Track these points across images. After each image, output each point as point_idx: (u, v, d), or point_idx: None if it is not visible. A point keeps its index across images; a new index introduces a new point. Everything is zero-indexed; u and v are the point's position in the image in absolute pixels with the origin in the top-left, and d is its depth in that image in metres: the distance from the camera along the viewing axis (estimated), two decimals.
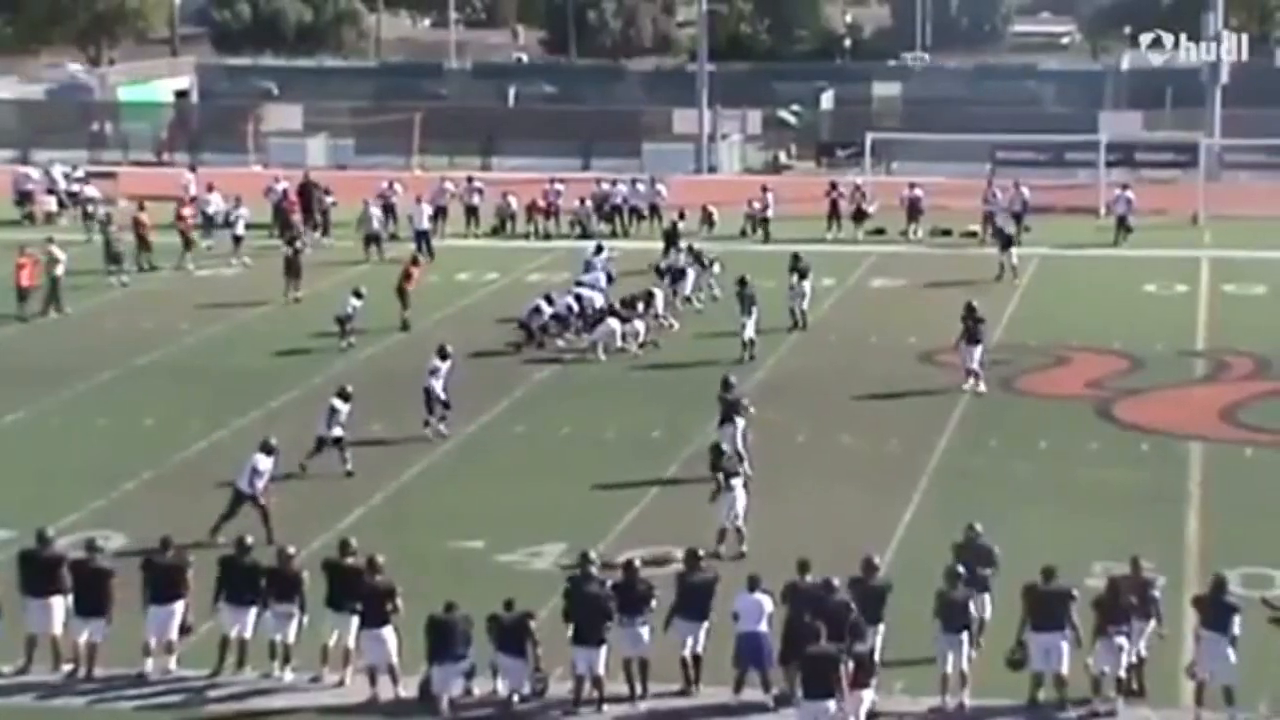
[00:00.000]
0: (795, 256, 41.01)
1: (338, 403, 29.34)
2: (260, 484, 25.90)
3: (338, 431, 29.16)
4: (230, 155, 71.23)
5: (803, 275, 40.32)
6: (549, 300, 39.04)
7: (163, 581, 21.36)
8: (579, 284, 41.00)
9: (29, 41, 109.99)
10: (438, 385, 31.38)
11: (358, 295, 38.46)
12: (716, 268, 43.54)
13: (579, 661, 20.50)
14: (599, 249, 43.82)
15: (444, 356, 31.77)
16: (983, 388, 34.26)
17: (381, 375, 35.76)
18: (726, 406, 29.39)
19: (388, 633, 20.81)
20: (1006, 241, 46.69)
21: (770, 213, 52.30)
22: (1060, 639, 20.22)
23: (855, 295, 44.93)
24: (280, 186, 53.86)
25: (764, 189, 54.02)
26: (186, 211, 49.27)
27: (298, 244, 44.81)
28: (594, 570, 21.16)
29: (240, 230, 48.76)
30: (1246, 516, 27.12)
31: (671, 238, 47.40)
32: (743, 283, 37.91)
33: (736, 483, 25.70)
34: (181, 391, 35.13)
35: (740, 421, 29.08)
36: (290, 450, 27.45)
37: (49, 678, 21.33)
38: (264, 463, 26.02)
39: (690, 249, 45.20)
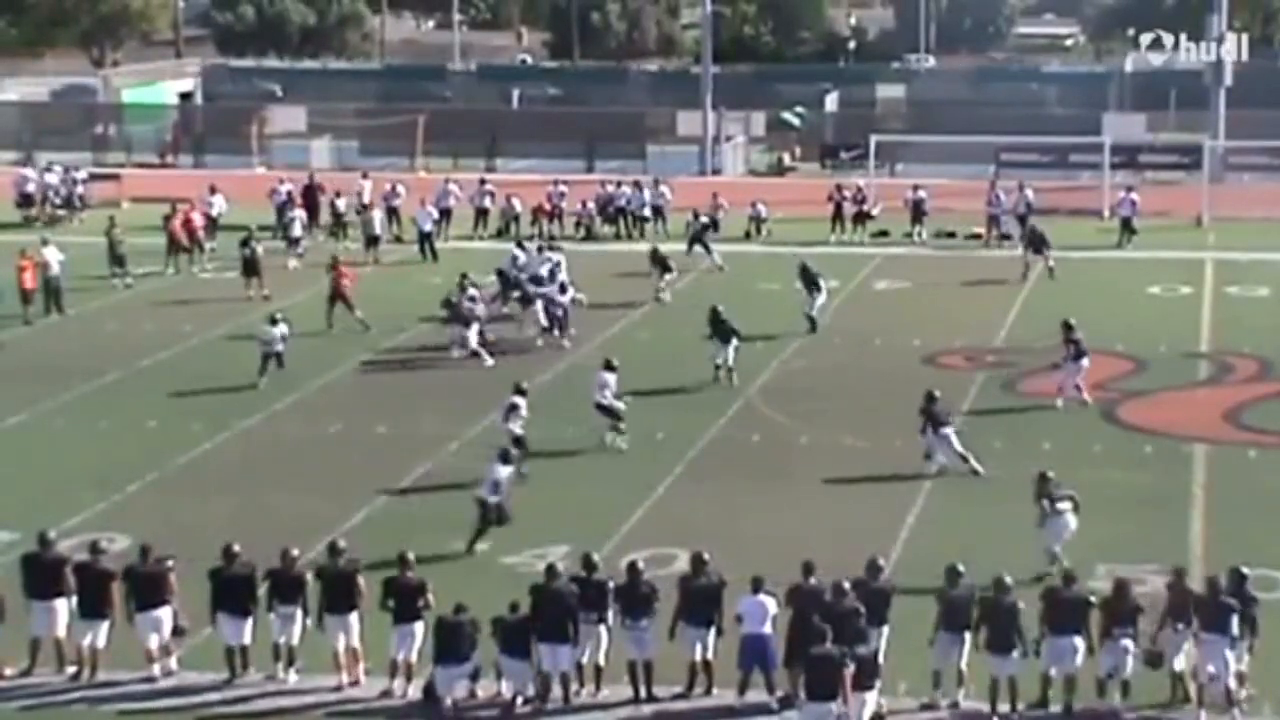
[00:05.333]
0: (804, 268, 40.65)
1: (518, 399, 29.29)
2: (501, 493, 25.70)
3: (518, 430, 28.97)
4: (234, 157, 71.35)
5: (811, 287, 40.00)
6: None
7: (146, 589, 21.31)
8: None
9: (33, 43, 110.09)
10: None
11: (274, 321, 36.17)
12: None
13: (545, 659, 20.50)
14: (540, 249, 43.35)
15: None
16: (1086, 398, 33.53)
17: (386, 377, 35.82)
18: (930, 418, 29.31)
19: (418, 628, 20.87)
20: (1039, 243, 46.55)
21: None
22: (1075, 642, 20.25)
23: (859, 297, 44.90)
24: (285, 188, 53.97)
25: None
26: (196, 216, 49.35)
27: (252, 244, 44.58)
28: (561, 569, 21.19)
29: (296, 231, 49.41)
30: (1250, 518, 27.09)
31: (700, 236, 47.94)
32: (716, 315, 35.59)
33: (1065, 507, 24.67)
34: (184, 393, 35.11)
35: (949, 429, 29.19)
36: (295, 451, 27.41)
37: (53, 680, 21.33)
38: (503, 472, 25.79)
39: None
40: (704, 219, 49.42)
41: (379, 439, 31.71)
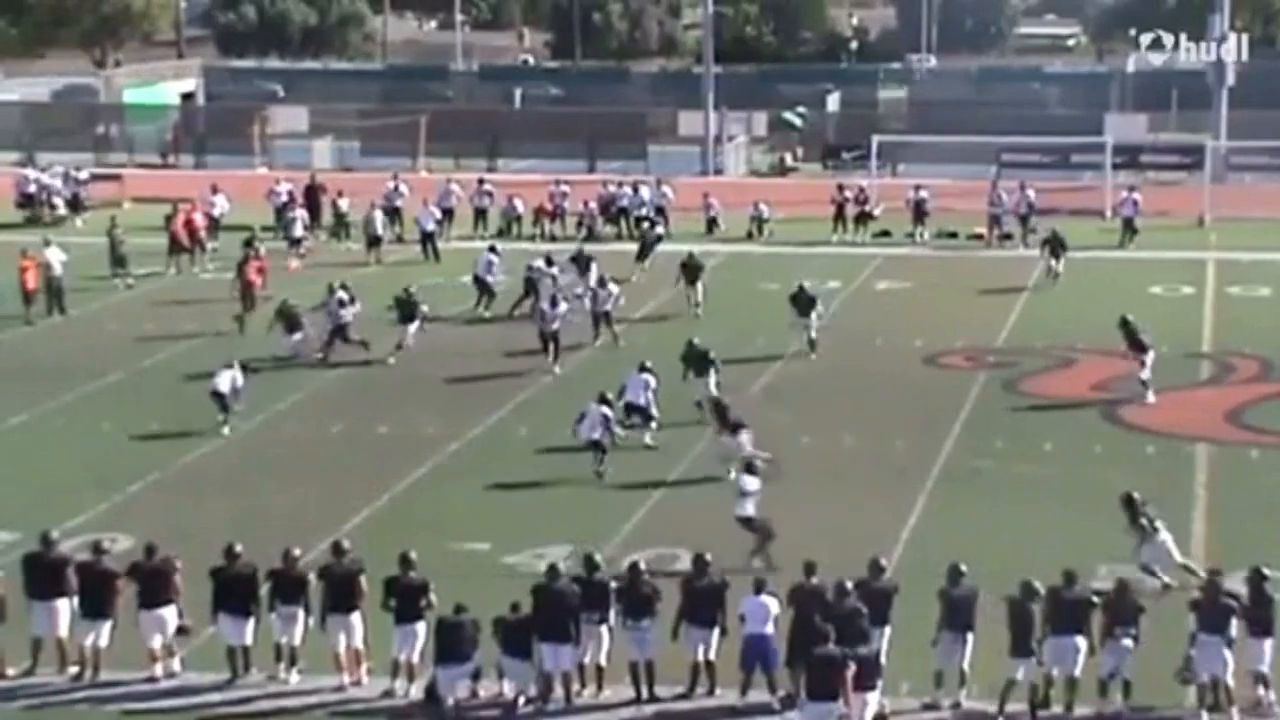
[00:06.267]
0: (800, 290, 38.23)
1: (607, 410, 29.08)
2: (750, 504, 25.45)
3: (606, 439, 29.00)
4: (236, 157, 71.32)
5: (804, 312, 37.90)
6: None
7: (151, 587, 21.32)
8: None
9: (34, 44, 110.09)
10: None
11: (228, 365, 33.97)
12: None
13: (546, 659, 20.50)
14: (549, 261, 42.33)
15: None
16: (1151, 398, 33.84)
17: (386, 377, 35.81)
18: (730, 424, 29.11)
19: (420, 628, 20.90)
20: (1057, 247, 46.15)
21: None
22: (1077, 642, 20.26)
23: (861, 297, 44.89)
24: (284, 189, 53.96)
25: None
26: (197, 216, 49.36)
27: (255, 244, 44.52)
28: (562, 570, 21.22)
29: (298, 232, 49.58)
30: (1252, 518, 27.08)
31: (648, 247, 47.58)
32: (692, 349, 33.52)
33: (1162, 525, 24.36)
34: (186, 394, 35.06)
35: (745, 434, 28.87)
36: (296, 451, 27.44)
37: (55, 680, 21.33)
38: (751, 483, 25.62)
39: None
40: (658, 231, 49.35)
41: (380, 439, 31.72)
